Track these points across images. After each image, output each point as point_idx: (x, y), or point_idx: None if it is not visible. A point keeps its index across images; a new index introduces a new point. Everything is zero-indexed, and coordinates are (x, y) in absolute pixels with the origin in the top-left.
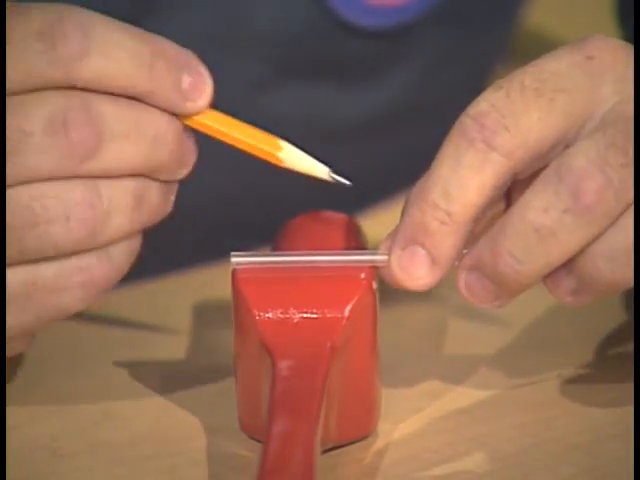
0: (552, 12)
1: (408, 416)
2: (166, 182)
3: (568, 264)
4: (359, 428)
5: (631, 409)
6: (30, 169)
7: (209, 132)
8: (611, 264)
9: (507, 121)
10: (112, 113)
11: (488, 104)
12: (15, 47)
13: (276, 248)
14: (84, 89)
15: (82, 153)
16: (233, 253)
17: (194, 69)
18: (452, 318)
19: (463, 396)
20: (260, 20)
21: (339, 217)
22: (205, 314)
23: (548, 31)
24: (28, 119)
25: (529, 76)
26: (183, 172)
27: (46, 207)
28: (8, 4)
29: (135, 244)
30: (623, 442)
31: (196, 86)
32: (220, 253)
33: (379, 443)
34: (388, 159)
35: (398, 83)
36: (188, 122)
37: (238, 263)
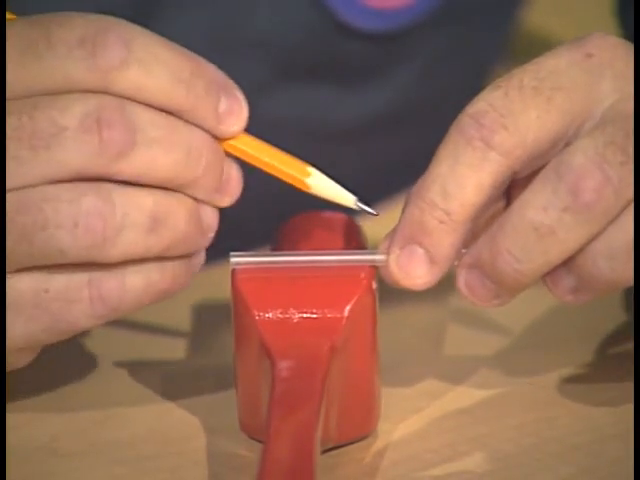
0: (552, 12)
1: (408, 416)
2: (204, 212)
3: (568, 262)
4: (359, 428)
5: (631, 409)
6: (59, 163)
7: (237, 154)
8: (611, 262)
9: (505, 120)
10: (148, 119)
11: (486, 103)
12: (54, 50)
13: (276, 248)
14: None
15: (113, 153)
16: (232, 253)
17: (231, 93)
18: (452, 318)
19: (463, 396)
20: (260, 22)
21: (339, 217)
22: (205, 314)
23: (548, 31)
24: (63, 113)
25: (528, 75)
26: (225, 200)
27: (57, 210)
28: (51, 13)
29: (156, 276)
30: (623, 442)
31: (232, 110)
32: (220, 253)
33: (379, 443)
34: (388, 159)
35: (398, 84)
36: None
37: (237, 263)
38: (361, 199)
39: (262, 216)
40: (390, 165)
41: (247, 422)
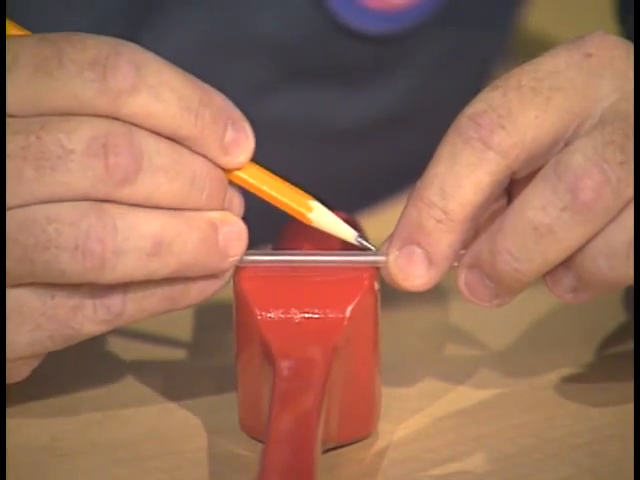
0: (552, 12)
1: (409, 416)
2: (225, 236)
3: (567, 262)
4: (360, 428)
5: (631, 409)
6: (64, 186)
7: (241, 183)
8: (610, 261)
9: (503, 120)
10: (153, 146)
11: (485, 104)
12: (65, 70)
13: (277, 248)
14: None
15: (117, 179)
16: None
17: (238, 124)
18: (453, 318)
19: (463, 396)
20: (262, 24)
21: (340, 216)
22: (206, 313)
23: (548, 31)
24: (70, 136)
25: (526, 75)
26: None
27: (59, 232)
28: (64, 32)
29: (163, 285)
30: (623, 442)
31: (238, 142)
32: None
33: (379, 443)
34: (390, 160)
35: (399, 85)
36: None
37: (240, 262)
38: (364, 196)
39: (264, 215)
40: (392, 166)
41: (248, 422)
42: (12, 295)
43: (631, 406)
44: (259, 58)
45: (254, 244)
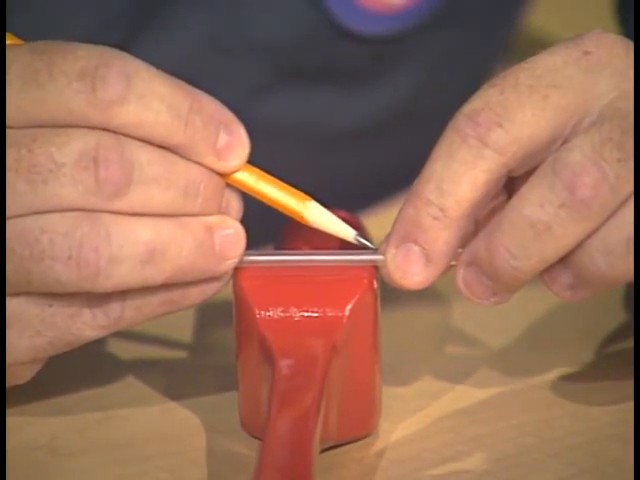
0: (552, 12)
1: (408, 416)
2: (221, 239)
3: (565, 259)
4: (360, 427)
5: (631, 408)
6: (55, 199)
7: (237, 185)
8: (608, 258)
9: (501, 118)
10: (144, 157)
11: (482, 102)
12: (55, 82)
13: (278, 247)
14: (119, 134)
15: (109, 192)
16: None
17: (231, 128)
18: (452, 318)
19: (463, 396)
20: (261, 25)
21: (342, 216)
22: (206, 312)
23: (548, 31)
24: (61, 150)
25: (523, 73)
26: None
27: (53, 242)
28: (56, 42)
29: (160, 289)
30: (623, 442)
31: (231, 146)
32: None
33: (379, 443)
34: (389, 160)
35: (398, 87)
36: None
37: (239, 262)
38: (365, 195)
39: (263, 217)
40: (391, 166)
41: (248, 420)
42: (11, 304)
43: (631, 406)
44: (258, 59)
45: (253, 246)
